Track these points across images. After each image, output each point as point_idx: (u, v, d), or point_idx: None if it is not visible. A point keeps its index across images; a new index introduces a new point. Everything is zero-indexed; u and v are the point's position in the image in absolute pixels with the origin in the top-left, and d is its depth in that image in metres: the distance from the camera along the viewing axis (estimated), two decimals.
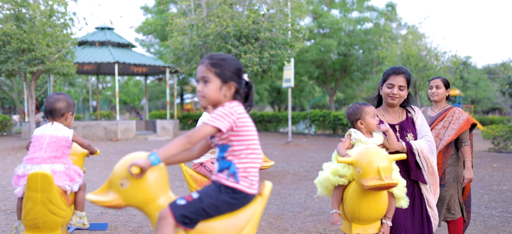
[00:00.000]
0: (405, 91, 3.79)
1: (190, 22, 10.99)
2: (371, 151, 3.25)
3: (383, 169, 3.14)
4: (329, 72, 31.93)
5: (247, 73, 10.66)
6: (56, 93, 3.96)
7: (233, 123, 2.55)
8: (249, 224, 2.59)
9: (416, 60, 18.26)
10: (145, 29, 34.60)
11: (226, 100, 2.64)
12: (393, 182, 3.10)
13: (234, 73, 2.63)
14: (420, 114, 3.91)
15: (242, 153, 2.60)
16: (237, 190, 2.58)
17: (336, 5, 32.01)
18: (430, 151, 3.72)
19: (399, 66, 3.81)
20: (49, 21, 14.63)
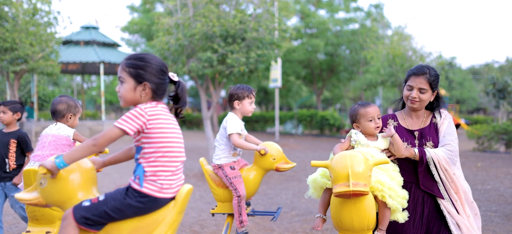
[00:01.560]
0: (427, 94, 3.36)
1: (176, 22, 10.91)
2: (345, 154, 2.95)
3: (354, 174, 2.84)
4: (316, 72, 32.00)
5: (234, 73, 10.61)
6: (60, 96, 4.20)
7: (143, 125, 2.49)
8: (159, 228, 2.55)
9: (401, 61, 18.36)
10: (131, 29, 34.37)
11: (144, 100, 2.59)
12: (360, 190, 2.79)
13: (151, 73, 2.57)
14: (447, 120, 3.46)
15: (152, 156, 2.53)
16: (143, 193, 2.51)
17: (323, 5, 32.09)
18: (450, 161, 3.30)
19: (422, 66, 3.41)
20: (33, 20, 14.43)
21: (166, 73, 2.63)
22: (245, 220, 4.43)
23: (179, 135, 2.64)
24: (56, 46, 15.73)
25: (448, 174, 3.32)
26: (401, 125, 3.52)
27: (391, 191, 3.08)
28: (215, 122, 28.99)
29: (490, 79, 19.20)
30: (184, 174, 11.06)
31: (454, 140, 3.36)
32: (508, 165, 12.65)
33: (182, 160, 2.64)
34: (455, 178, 3.32)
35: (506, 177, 10.52)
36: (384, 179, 3.11)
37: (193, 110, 41.10)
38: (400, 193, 3.13)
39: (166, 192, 2.55)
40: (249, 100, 4.52)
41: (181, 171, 2.64)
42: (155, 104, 2.57)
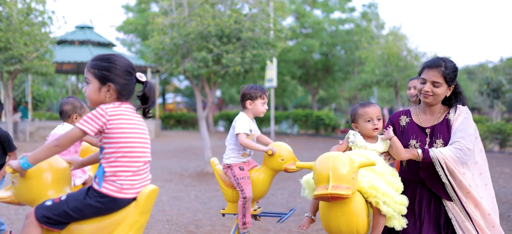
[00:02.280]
0: (441, 88, 3.14)
1: (171, 22, 10.88)
2: (328, 155, 2.82)
3: (336, 176, 2.68)
4: (311, 72, 32.03)
5: (229, 73, 10.60)
6: (67, 97, 4.37)
7: (103, 125, 2.52)
8: (119, 229, 2.56)
9: (396, 60, 18.40)
10: (126, 28, 34.27)
11: (109, 101, 2.62)
12: (339, 193, 2.62)
13: (116, 74, 2.60)
14: (462, 116, 3.19)
15: (112, 156, 2.56)
16: (103, 193, 2.53)
17: (319, 5, 32.12)
18: (458, 161, 3.03)
19: (438, 58, 3.21)
20: (27, 20, 14.35)
21: (132, 74, 2.65)
22: (249, 222, 4.37)
23: (143, 135, 2.65)
24: (50, 46, 15.64)
25: (455, 175, 3.07)
26: (413, 121, 3.34)
27: (386, 196, 2.95)
28: (210, 122, 29.01)
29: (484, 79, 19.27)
30: (179, 174, 11.01)
31: (466, 137, 3.07)
32: (502, 164, 12.70)
33: (145, 161, 2.65)
34: (463, 179, 3.07)
35: (500, 176, 10.56)
36: (378, 184, 2.96)
37: (188, 110, 41.04)
38: (397, 199, 3.00)
39: (127, 192, 2.56)
40: (261, 100, 4.46)
41: (145, 171, 2.65)
42: (119, 104, 2.60)
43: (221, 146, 17.63)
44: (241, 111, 4.54)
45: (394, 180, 3.10)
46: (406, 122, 3.36)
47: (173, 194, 8.56)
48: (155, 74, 25.23)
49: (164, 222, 6.48)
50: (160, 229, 6.11)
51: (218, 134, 26.61)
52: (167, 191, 8.83)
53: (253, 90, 4.46)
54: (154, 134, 23.21)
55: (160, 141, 21.69)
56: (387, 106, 36.57)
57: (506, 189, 9.02)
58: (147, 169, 2.69)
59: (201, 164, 12.48)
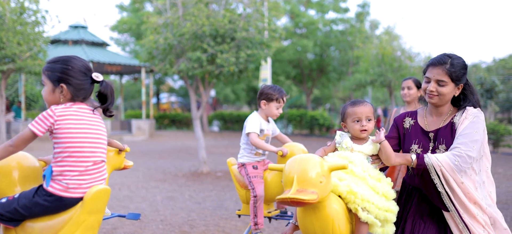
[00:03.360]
0: (447, 87, 2.89)
1: (165, 21, 10.86)
2: (296, 158, 2.65)
3: (301, 180, 2.52)
4: (306, 72, 32.06)
5: (224, 73, 10.59)
6: None
7: (51, 126, 2.60)
8: (66, 228, 2.61)
9: (390, 60, 18.46)
10: (120, 28, 34.17)
11: (63, 101, 2.70)
12: (299, 198, 2.43)
13: (68, 75, 2.66)
14: (469, 120, 2.91)
15: (59, 155, 2.63)
16: (49, 192, 2.60)
17: (313, 5, 32.15)
18: (456, 169, 2.79)
19: (444, 54, 2.96)
20: (20, 19, 14.27)
21: (87, 74, 2.71)
22: (261, 223, 4.30)
23: (93, 135, 2.71)
24: (44, 45, 15.57)
25: (451, 185, 2.83)
26: (418, 123, 3.10)
27: (366, 202, 2.75)
28: (204, 121, 28.97)
29: (478, 80, 19.36)
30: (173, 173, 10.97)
31: (469, 143, 2.80)
32: (495, 164, 12.76)
33: (95, 160, 2.70)
34: (460, 189, 2.84)
35: (494, 176, 10.56)
36: (357, 189, 2.77)
37: (182, 110, 40.97)
38: (381, 205, 2.79)
39: (73, 191, 2.62)
40: (277, 104, 4.38)
41: (94, 171, 2.70)
42: (70, 105, 2.68)
43: (215, 146, 17.61)
44: (255, 110, 4.54)
45: (379, 184, 2.89)
46: (410, 124, 3.14)
47: (167, 194, 8.55)
48: (149, 74, 25.16)
49: (158, 222, 6.47)
50: (154, 229, 6.09)
51: (212, 134, 26.59)
52: (161, 191, 8.81)
53: (271, 91, 4.37)
54: (148, 134, 23.16)
55: (154, 140, 21.64)
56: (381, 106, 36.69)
57: (499, 189, 9.06)
58: (99, 168, 2.73)
59: (196, 164, 12.46)
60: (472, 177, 2.90)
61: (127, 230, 6.00)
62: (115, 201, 7.77)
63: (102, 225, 6.13)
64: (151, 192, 8.67)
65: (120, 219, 6.31)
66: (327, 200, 2.65)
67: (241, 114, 30.87)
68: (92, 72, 2.74)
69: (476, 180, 2.92)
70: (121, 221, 6.29)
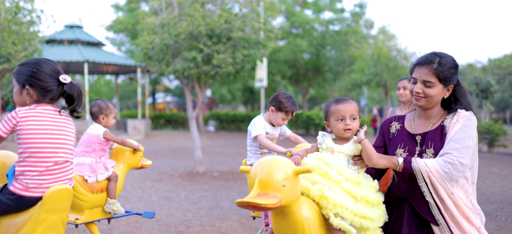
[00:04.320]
0: (435, 88, 2.67)
1: (161, 21, 10.84)
2: (263, 159, 2.49)
3: (262, 183, 2.37)
4: (301, 72, 32.09)
5: (220, 73, 10.58)
6: (95, 100, 4.67)
7: (14, 127, 2.72)
8: (26, 226, 2.70)
9: (386, 60, 18.50)
10: (115, 28, 34.10)
11: (30, 103, 2.81)
12: (256, 202, 2.27)
13: (34, 78, 2.76)
14: (460, 123, 2.66)
15: (21, 156, 2.75)
16: (11, 191, 2.71)
17: (309, 5, 32.18)
18: (446, 177, 2.52)
19: (430, 53, 2.74)
20: (15, 19, 14.21)
21: (53, 76, 2.79)
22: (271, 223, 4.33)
23: (55, 136, 2.79)
24: (39, 45, 15.52)
25: (440, 194, 2.58)
26: (405, 127, 2.88)
27: (338, 207, 2.54)
28: (200, 121, 28.94)
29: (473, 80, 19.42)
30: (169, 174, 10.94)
31: (461, 149, 2.53)
32: (490, 164, 12.81)
33: (56, 161, 2.77)
34: (449, 200, 2.58)
35: (489, 176, 10.64)
36: (329, 194, 2.57)
37: (178, 110, 40.93)
38: (357, 211, 2.57)
39: (33, 191, 2.72)
40: (284, 115, 4.31)
41: (56, 171, 2.78)
42: (35, 106, 2.78)
43: (211, 146, 17.60)
44: (261, 114, 4.53)
45: (357, 188, 2.65)
46: (396, 129, 2.92)
47: (163, 194, 8.53)
48: (145, 73, 25.12)
49: (154, 222, 6.46)
50: (150, 229, 6.09)
51: (208, 134, 26.58)
52: (157, 191, 8.80)
53: (284, 101, 4.29)
54: (144, 134, 23.12)
55: (150, 140, 21.61)
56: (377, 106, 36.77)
57: (494, 188, 9.10)
58: (62, 168, 2.82)
59: (191, 164, 12.45)
60: (465, 186, 2.65)
61: (123, 230, 5.99)
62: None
63: (98, 225, 6.11)
64: (146, 192, 8.66)
65: (116, 219, 6.30)
66: (296, 205, 2.48)
67: (237, 114, 30.86)
68: (60, 74, 2.82)
69: (468, 191, 2.67)
70: (117, 220, 6.28)
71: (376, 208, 2.67)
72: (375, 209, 2.67)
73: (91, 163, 4.41)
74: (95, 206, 4.42)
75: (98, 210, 4.47)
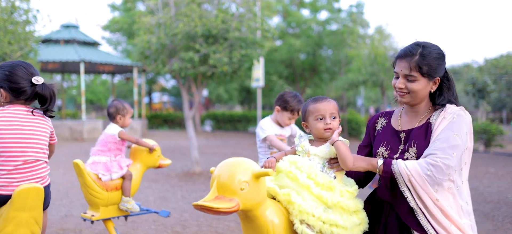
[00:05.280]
0: (418, 83, 2.43)
1: (158, 21, 10.81)
2: (225, 161, 2.39)
3: (220, 186, 2.27)
4: (298, 71, 32.10)
5: (217, 73, 10.56)
6: (112, 100, 4.86)
7: None
8: None
9: (382, 60, 18.51)
10: (112, 27, 34.02)
11: (3, 104, 2.92)
12: (209, 206, 2.18)
13: (5, 80, 2.89)
14: (448, 119, 2.40)
15: None
16: None
17: (306, 5, 32.18)
18: (429, 181, 2.30)
19: (412, 44, 2.50)
20: (11, 18, 14.15)
21: (26, 78, 2.90)
22: None
23: (25, 135, 2.89)
24: (35, 44, 15.46)
25: (424, 200, 2.34)
26: (390, 123, 2.67)
27: (304, 214, 2.39)
28: (197, 121, 28.89)
29: (470, 79, 19.46)
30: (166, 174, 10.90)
31: (447, 150, 2.29)
32: (487, 164, 12.83)
33: (25, 160, 2.87)
34: (434, 207, 2.34)
35: (485, 176, 10.66)
36: (295, 199, 2.42)
37: (175, 110, 40.87)
38: (327, 218, 2.39)
39: (3, 189, 2.83)
40: (289, 114, 4.28)
41: (25, 169, 2.88)
42: (7, 107, 2.91)
43: (208, 146, 17.57)
44: (269, 115, 4.51)
45: (328, 194, 2.46)
46: (381, 126, 2.70)
47: (159, 194, 8.51)
48: (142, 73, 25.07)
49: (151, 222, 6.43)
50: (147, 230, 6.06)
51: (204, 134, 26.55)
52: (154, 191, 8.78)
53: (289, 100, 4.25)
54: (141, 134, 23.07)
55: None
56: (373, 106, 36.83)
57: (491, 188, 9.11)
58: (32, 167, 2.91)
59: (188, 164, 12.42)
60: (452, 190, 2.39)
61: (120, 230, 5.97)
62: None
63: (95, 225, 6.09)
64: (143, 192, 8.63)
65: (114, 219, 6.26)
66: (260, 209, 2.37)
67: (233, 114, 30.84)
68: (33, 76, 2.94)
69: (458, 193, 2.41)
70: (114, 220, 6.24)
71: (353, 215, 2.49)
72: (351, 216, 2.48)
73: (106, 162, 4.61)
74: (110, 203, 4.56)
75: (113, 207, 4.61)
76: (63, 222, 6.37)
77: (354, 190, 2.55)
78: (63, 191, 8.64)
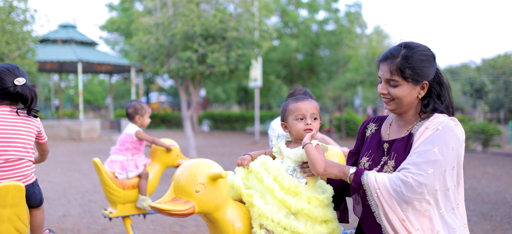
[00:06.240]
0: (401, 88, 2.19)
1: (156, 21, 10.80)
2: (187, 162, 2.33)
3: (177, 187, 2.22)
4: (296, 71, 32.10)
5: (214, 73, 10.55)
6: (130, 101, 5.01)
7: None
8: None
9: None
10: (109, 27, 33.98)
11: None
12: (160, 208, 2.13)
13: None
14: (430, 131, 2.11)
15: None
16: None
17: (304, 5, 32.19)
18: (397, 197, 2.03)
19: (395, 46, 2.26)
20: (8, 18, 14.13)
21: (9, 81, 2.99)
22: None
23: (6, 135, 2.98)
24: (33, 44, 15.43)
25: (389, 219, 2.06)
26: (380, 132, 2.43)
27: (264, 218, 2.27)
28: (195, 121, 28.89)
29: (467, 79, 19.48)
30: (164, 173, 10.86)
31: (422, 165, 2.01)
32: (485, 164, 12.85)
33: (6, 158, 2.97)
34: (401, 228, 2.06)
35: (483, 176, 10.67)
36: (256, 202, 2.31)
37: (173, 110, 40.83)
38: (287, 223, 2.25)
39: None
40: None
41: (6, 168, 2.97)
42: None
43: (205, 146, 17.54)
44: (276, 118, 4.49)
45: (292, 199, 2.30)
46: (371, 132, 2.48)
47: (157, 194, 8.49)
48: (139, 73, 25.05)
49: (148, 222, 6.42)
50: (145, 230, 6.05)
51: (202, 134, 26.53)
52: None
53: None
54: None
55: None
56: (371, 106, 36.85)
57: (489, 188, 9.12)
58: (14, 166, 3.00)
59: None
60: (429, 213, 2.08)
61: (117, 230, 5.96)
62: (105, 201, 7.70)
63: (93, 225, 6.08)
64: None
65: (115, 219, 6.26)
66: (220, 213, 2.29)
67: (231, 114, 30.83)
68: (16, 77, 3.02)
69: (435, 220, 2.10)
70: (111, 222, 6.24)
71: (322, 225, 2.32)
72: (320, 226, 2.31)
73: (123, 161, 4.71)
74: (127, 201, 4.66)
75: (130, 205, 4.71)
76: (61, 221, 6.35)
77: (324, 198, 2.35)
78: (61, 191, 8.61)
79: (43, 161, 3.48)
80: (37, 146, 3.30)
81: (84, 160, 13.24)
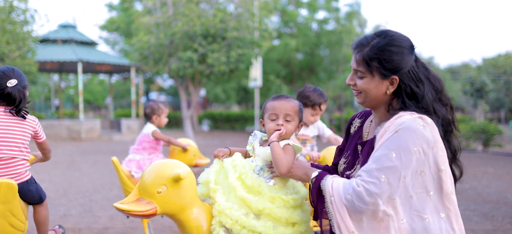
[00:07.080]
0: (367, 80, 1.99)
1: (156, 21, 10.80)
2: (151, 164, 2.30)
3: (141, 188, 2.20)
4: (295, 71, 32.10)
5: (214, 72, 10.55)
6: (148, 101, 5.24)
7: None
8: None
9: None
10: (109, 27, 33.97)
11: None
12: (123, 209, 2.12)
13: None
14: (390, 133, 1.87)
15: None
16: None
17: (304, 4, 32.19)
18: (348, 205, 1.86)
19: (368, 34, 2.06)
20: (9, 18, 14.13)
21: (3, 83, 3.08)
22: None
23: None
24: (33, 44, 15.44)
25: (338, 227, 1.88)
26: (362, 129, 2.24)
27: (223, 215, 2.22)
28: (194, 121, 28.87)
29: (468, 79, 19.47)
30: None
31: (374, 172, 1.83)
32: (485, 164, 12.83)
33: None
34: None
35: (484, 176, 10.66)
36: (219, 199, 2.26)
37: (173, 109, 40.84)
38: (245, 222, 2.16)
39: None
40: (311, 110, 3.95)
41: None
42: None
43: (205, 145, 17.51)
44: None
45: (254, 198, 2.22)
46: (354, 129, 2.30)
47: None
48: (139, 73, 25.05)
49: (149, 222, 6.41)
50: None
51: (202, 133, 26.53)
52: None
53: (309, 95, 3.94)
54: (138, 133, 23.08)
55: None
56: None
57: (489, 188, 9.10)
58: (6, 164, 3.09)
59: None
60: (387, 224, 1.87)
61: (118, 230, 5.95)
62: (105, 201, 7.69)
63: (93, 225, 6.07)
64: None
65: (111, 218, 6.25)
66: (185, 214, 2.25)
67: (231, 114, 30.82)
68: (8, 79, 3.11)
69: (394, 230, 1.88)
70: (112, 221, 6.23)
71: (288, 227, 2.23)
72: (285, 228, 2.22)
73: (140, 160, 4.83)
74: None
75: None
76: (62, 221, 6.34)
77: (290, 199, 2.23)
78: (61, 190, 8.61)
79: (47, 159, 3.58)
80: (37, 145, 3.38)
81: (85, 159, 13.24)
